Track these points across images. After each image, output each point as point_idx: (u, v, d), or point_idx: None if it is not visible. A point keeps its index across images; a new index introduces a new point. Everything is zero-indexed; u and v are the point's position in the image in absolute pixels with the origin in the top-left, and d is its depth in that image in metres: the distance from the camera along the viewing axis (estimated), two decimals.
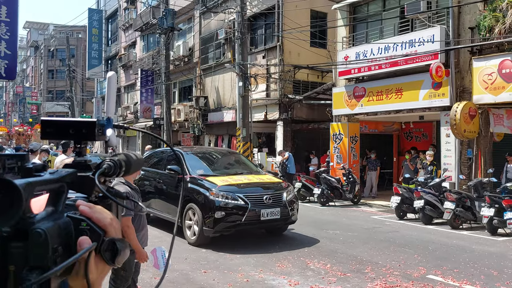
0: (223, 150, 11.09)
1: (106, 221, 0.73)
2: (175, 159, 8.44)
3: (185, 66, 23.23)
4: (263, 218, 7.15)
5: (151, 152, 10.50)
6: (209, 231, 7.07)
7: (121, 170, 0.85)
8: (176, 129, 23.57)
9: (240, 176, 8.11)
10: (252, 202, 7.12)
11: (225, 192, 7.13)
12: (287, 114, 17.14)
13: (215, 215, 6.95)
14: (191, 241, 7.40)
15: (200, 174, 7.83)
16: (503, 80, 9.79)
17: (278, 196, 7.51)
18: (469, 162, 11.02)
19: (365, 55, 13.04)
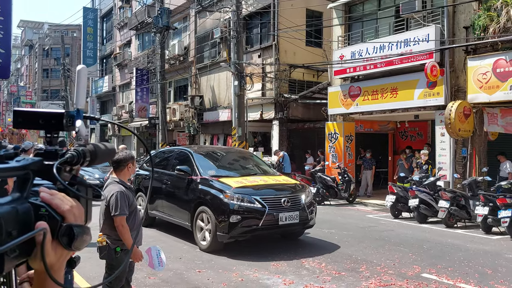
0: (234, 150, 10.30)
1: (65, 207, 0.76)
2: (184, 159, 8.01)
3: (181, 65, 23.16)
4: (281, 222, 6.66)
5: (159, 151, 10.12)
6: (223, 236, 6.57)
7: (85, 160, 0.87)
8: (171, 128, 23.49)
9: (254, 177, 7.63)
10: (269, 205, 6.64)
11: (240, 195, 6.63)
12: (282, 114, 17.13)
13: (230, 219, 6.47)
14: (203, 247, 6.89)
15: (211, 175, 7.35)
16: (497, 79, 9.83)
17: (296, 198, 7.00)
18: (464, 161, 11.06)
19: (361, 54, 13.05)
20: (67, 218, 0.76)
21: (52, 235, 0.74)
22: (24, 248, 0.71)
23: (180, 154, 8.41)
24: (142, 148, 27.58)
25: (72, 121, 0.89)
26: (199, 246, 6.99)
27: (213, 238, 6.67)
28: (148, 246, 3.89)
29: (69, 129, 0.89)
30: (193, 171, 7.44)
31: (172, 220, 7.93)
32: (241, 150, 10.12)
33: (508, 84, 9.63)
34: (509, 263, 6.46)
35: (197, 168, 7.48)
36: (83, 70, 1.00)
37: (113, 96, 32.92)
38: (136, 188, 8.96)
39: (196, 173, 7.39)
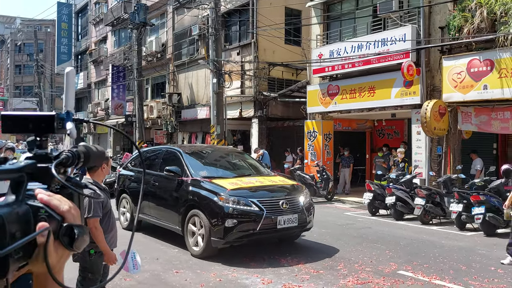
0: (225, 149, 9.70)
1: (64, 207, 0.77)
2: (173, 159, 7.58)
3: (158, 62, 22.85)
4: (279, 226, 6.29)
5: (144, 150, 9.67)
6: (218, 241, 6.17)
7: (79, 161, 0.88)
8: (148, 126, 23.18)
9: (249, 178, 7.23)
10: (267, 208, 6.26)
11: (236, 197, 6.24)
12: (262, 112, 17.10)
13: (225, 224, 6.06)
14: (196, 253, 6.48)
15: (203, 176, 6.94)
16: (471, 79, 10.04)
17: (295, 200, 6.66)
18: (439, 159, 11.27)
19: (339, 53, 13.13)
20: (67, 218, 0.77)
21: (53, 236, 0.75)
22: (26, 250, 0.71)
23: (168, 153, 7.99)
24: (119, 146, 27.13)
25: (62, 124, 0.89)
26: (191, 252, 6.57)
27: (206, 243, 6.25)
28: (123, 249, 3.79)
29: (60, 131, 0.89)
30: (183, 171, 7.01)
31: (160, 224, 7.47)
32: (233, 149, 9.56)
33: (481, 84, 9.85)
34: (483, 258, 6.60)
35: (187, 168, 7.05)
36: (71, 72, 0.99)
37: (88, 93, 32.24)
38: (120, 189, 8.68)
39: (186, 174, 6.96)
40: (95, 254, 3.59)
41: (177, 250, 7.01)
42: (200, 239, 6.43)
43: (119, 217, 8.52)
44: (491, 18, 9.71)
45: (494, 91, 9.66)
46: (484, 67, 9.82)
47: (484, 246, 7.50)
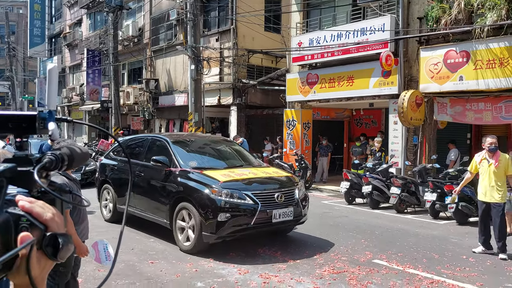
0: (215, 138, 9.13)
1: (47, 215, 0.73)
2: (160, 148, 7.20)
3: (135, 47, 22.34)
4: (274, 220, 6.05)
5: (128, 138, 9.14)
6: (210, 236, 5.85)
7: (63, 164, 0.84)
8: (125, 112, 22.74)
9: (241, 169, 6.88)
10: (262, 201, 5.97)
11: (229, 190, 5.92)
12: (241, 99, 16.98)
13: (218, 218, 5.76)
14: (185, 248, 6.15)
15: (193, 166, 6.58)
16: (447, 70, 10.16)
17: (290, 193, 6.39)
18: (415, 149, 11.44)
19: (319, 41, 13.08)
20: (50, 227, 0.73)
21: (36, 246, 0.71)
22: (6, 262, 0.68)
23: (155, 142, 7.58)
24: (94, 133, 26.56)
25: (44, 124, 0.85)
26: (180, 247, 6.25)
27: (197, 238, 5.92)
28: (95, 240, 3.68)
29: (42, 132, 0.86)
30: (171, 162, 6.64)
31: (146, 216, 7.10)
32: (223, 138, 9.02)
33: (457, 75, 9.99)
34: (455, 247, 6.76)
35: (175, 158, 6.68)
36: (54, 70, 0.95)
37: (62, 77, 31.34)
38: (101, 179, 8.32)
39: (175, 164, 6.60)
40: None
41: (153, 240, 6.91)
42: (190, 233, 6.11)
43: (101, 209, 8.28)
44: (468, 10, 9.80)
45: (469, 83, 9.81)
46: (460, 58, 9.95)
47: (456, 234, 7.67)
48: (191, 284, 4.93)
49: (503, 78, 9.28)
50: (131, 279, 5.11)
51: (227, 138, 8.61)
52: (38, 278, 0.72)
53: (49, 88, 0.94)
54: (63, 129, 30.26)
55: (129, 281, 5.04)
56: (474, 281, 5.16)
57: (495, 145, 6.28)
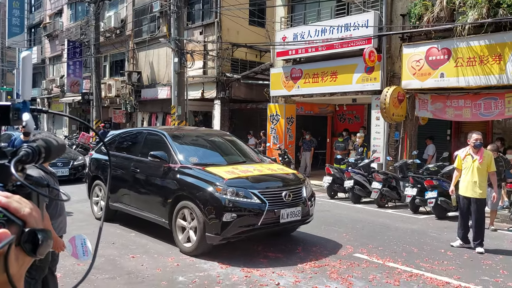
0: (214, 132, 8.43)
1: (25, 210, 0.71)
2: (157, 143, 6.79)
3: (117, 39, 21.98)
4: (282, 220, 5.71)
5: (121, 132, 8.50)
6: (214, 238, 5.48)
7: (40, 157, 0.82)
8: (106, 105, 22.41)
9: (245, 165, 6.49)
10: (269, 200, 5.64)
11: (234, 188, 5.54)
12: (224, 93, 16.90)
13: (223, 218, 5.39)
14: (187, 249, 5.77)
15: (194, 162, 6.21)
16: (429, 66, 10.29)
17: (298, 191, 6.06)
18: (396, 144, 11.59)
19: (303, 36, 13.08)
20: (29, 222, 0.71)
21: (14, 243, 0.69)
22: None
23: (151, 136, 7.19)
24: (75, 126, 26.11)
25: (18, 115, 0.83)
26: (181, 248, 5.88)
27: (200, 239, 5.56)
28: (72, 235, 3.61)
29: (16, 123, 0.83)
30: (171, 157, 6.27)
31: (143, 216, 6.68)
32: (222, 132, 8.53)
33: (439, 72, 10.13)
34: (434, 241, 6.88)
35: (175, 154, 6.32)
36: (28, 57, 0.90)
37: (42, 69, 30.67)
38: (92, 175, 7.91)
39: (174, 160, 6.23)
40: None
41: (134, 234, 6.84)
42: (192, 234, 5.74)
43: (92, 206, 7.92)
44: (450, 7, 9.92)
45: (450, 80, 9.96)
46: (441, 55, 10.08)
47: (435, 229, 7.81)
48: (172, 278, 4.90)
49: (482, 76, 9.45)
50: (112, 273, 5.05)
51: (224, 132, 8.12)
52: (16, 275, 0.70)
53: (23, 77, 0.90)
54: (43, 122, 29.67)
55: (110, 275, 4.98)
56: (451, 274, 5.26)
57: (480, 141, 6.40)
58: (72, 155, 12.49)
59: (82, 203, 8.63)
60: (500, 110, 9.60)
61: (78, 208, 8.37)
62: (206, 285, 4.73)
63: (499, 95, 9.58)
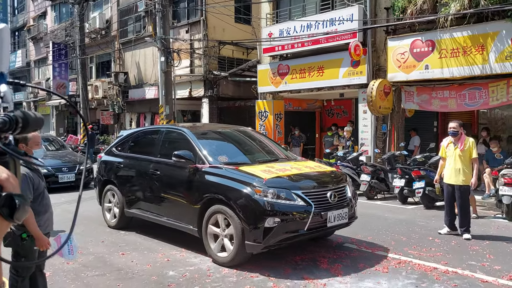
0: (239, 129, 7.45)
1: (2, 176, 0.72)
2: (179, 141, 6.20)
3: (102, 40, 21.82)
4: (329, 223, 5.16)
5: (134, 131, 7.70)
6: (255, 246, 4.86)
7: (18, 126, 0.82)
8: (94, 106, 22.25)
9: (279, 163, 5.86)
10: (314, 202, 5.06)
11: (276, 189, 4.94)
12: (212, 91, 16.88)
13: (265, 223, 4.76)
14: (222, 260, 5.13)
15: (224, 162, 5.61)
16: (414, 59, 10.40)
17: (342, 191, 5.49)
18: (384, 137, 11.69)
19: (289, 32, 13.12)
20: (6, 187, 0.72)
21: None
22: None
23: (171, 134, 6.60)
24: (62, 128, 25.86)
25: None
26: (214, 258, 5.25)
27: (238, 248, 4.93)
28: (58, 233, 3.59)
29: None
30: (197, 157, 5.63)
31: (165, 222, 6.07)
32: (246, 129, 7.71)
33: (423, 64, 10.24)
34: (421, 229, 6.97)
35: (201, 153, 5.68)
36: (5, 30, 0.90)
37: (27, 72, 30.31)
38: (104, 180, 7.21)
39: (202, 160, 5.59)
40: (28, 238, 3.36)
41: (124, 232, 6.81)
42: (227, 243, 5.14)
43: (103, 214, 7.24)
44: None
45: (434, 71, 10.07)
46: (426, 47, 10.19)
47: (423, 218, 7.91)
48: (162, 273, 4.89)
49: (466, 66, 9.58)
50: (101, 270, 5.03)
51: (248, 128, 7.54)
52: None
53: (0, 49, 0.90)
54: None
55: (99, 272, 4.96)
56: (439, 260, 5.33)
57: (453, 129, 6.51)
58: (78, 159, 11.96)
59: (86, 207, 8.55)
60: (485, 100, 9.74)
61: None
62: (196, 278, 4.74)
63: (483, 85, 9.71)
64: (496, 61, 9.10)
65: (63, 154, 12.31)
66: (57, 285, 4.54)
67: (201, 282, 4.63)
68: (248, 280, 4.68)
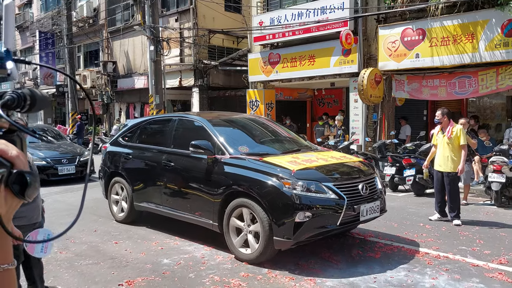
0: (249, 116, 7.19)
1: (12, 153, 0.71)
2: (194, 131, 5.81)
3: (90, 28, 21.49)
4: (362, 217, 4.87)
5: (142, 120, 7.15)
6: (284, 242, 4.56)
7: (26, 104, 0.81)
8: (82, 96, 21.96)
9: (303, 154, 5.47)
10: (346, 194, 4.75)
11: (305, 181, 4.61)
12: (203, 81, 16.77)
13: (295, 218, 4.45)
14: (246, 257, 4.83)
15: (245, 152, 5.25)
16: (405, 47, 10.43)
17: (372, 183, 5.17)
18: (374, 126, 11.76)
19: (280, 21, 13.05)
20: (16, 164, 0.71)
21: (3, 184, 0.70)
22: None
23: (184, 124, 6.16)
24: (50, 119, 25.53)
25: (1, 63, 0.83)
26: (237, 255, 4.93)
27: (265, 245, 4.62)
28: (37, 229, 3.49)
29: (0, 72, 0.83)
30: (216, 147, 5.28)
31: (180, 217, 5.72)
32: (259, 117, 6.99)
33: (414, 53, 10.28)
34: (412, 216, 7.06)
35: (220, 143, 5.32)
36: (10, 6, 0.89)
37: None
38: (110, 171, 6.80)
39: (221, 150, 5.24)
40: None
41: (116, 221, 6.78)
42: (251, 239, 4.83)
43: (110, 207, 6.86)
44: None
45: (425, 60, 10.12)
46: (416, 36, 10.23)
47: (414, 205, 8.01)
48: (157, 261, 4.89)
49: (456, 55, 9.64)
50: (95, 259, 5.00)
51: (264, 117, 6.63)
52: (5, 216, 0.71)
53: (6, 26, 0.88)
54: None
55: (93, 261, 4.94)
56: (430, 245, 5.42)
57: (436, 117, 6.65)
58: (78, 150, 11.42)
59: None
60: (474, 88, 9.83)
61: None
62: (191, 266, 4.74)
63: (472, 73, 9.79)
64: (485, 50, 9.18)
65: (61, 145, 11.71)
66: (51, 274, 4.52)
67: (196, 269, 4.64)
68: (243, 266, 4.71)
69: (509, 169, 7.78)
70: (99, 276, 4.48)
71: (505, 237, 5.82)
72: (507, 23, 8.84)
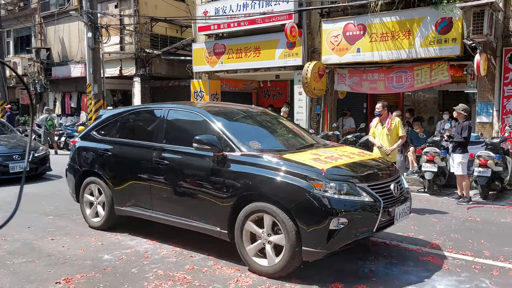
0: (250, 108, 6.09)
1: None
2: (191, 124, 5.07)
3: (21, 12, 20.03)
4: (396, 221, 4.39)
5: (122, 110, 6.03)
6: (315, 253, 3.93)
7: None
8: (12, 85, 20.50)
9: (321, 150, 4.81)
10: (382, 196, 4.18)
11: (337, 183, 3.97)
12: (144, 70, 16.26)
13: (329, 225, 3.82)
14: (266, 269, 4.14)
15: (257, 148, 4.53)
16: (347, 42, 10.74)
17: (400, 182, 4.72)
18: (318, 118, 12.04)
19: (225, 11, 12.91)
20: None
21: None
22: None
23: (178, 116, 5.28)
24: None
25: None
26: (253, 266, 4.24)
27: (291, 255, 3.96)
28: None
29: None
30: (223, 143, 4.50)
31: (180, 224, 4.90)
32: (261, 109, 6.35)
33: (355, 47, 10.61)
34: None
35: (228, 138, 4.54)
36: None
37: None
38: (83, 170, 5.84)
39: (229, 147, 4.48)
40: None
41: (52, 217, 6.40)
42: (269, 249, 4.16)
43: (83, 212, 5.94)
44: None
45: (365, 54, 10.49)
46: (357, 31, 10.56)
47: None
48: (97, 257, 4.66)
49: (394, 50, 10.08)
50: (29, 257, 4.68)
51: (265, 110, 6.23)
52: None
53: None
54: None
55: (27, 259, 4.61)
56: None
57: (377, 110, 6.93)
58: (31, 145, 9.94)
59: None
60: (410, 83, 10.35)
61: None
62: (133, 260, 4.58)
63: (408, 68, 10.30)
64: (421, 46, 9.68)
65: (11, 139, 10.21)
66: None
67: (139, 264, 4.48)
68: (188, 259, 4.62)
69: (440, 159, 8.30)
70: (34, 274, 4.19)
71: (436, 223, 6.21)
72: (441, 21, 9.37)
